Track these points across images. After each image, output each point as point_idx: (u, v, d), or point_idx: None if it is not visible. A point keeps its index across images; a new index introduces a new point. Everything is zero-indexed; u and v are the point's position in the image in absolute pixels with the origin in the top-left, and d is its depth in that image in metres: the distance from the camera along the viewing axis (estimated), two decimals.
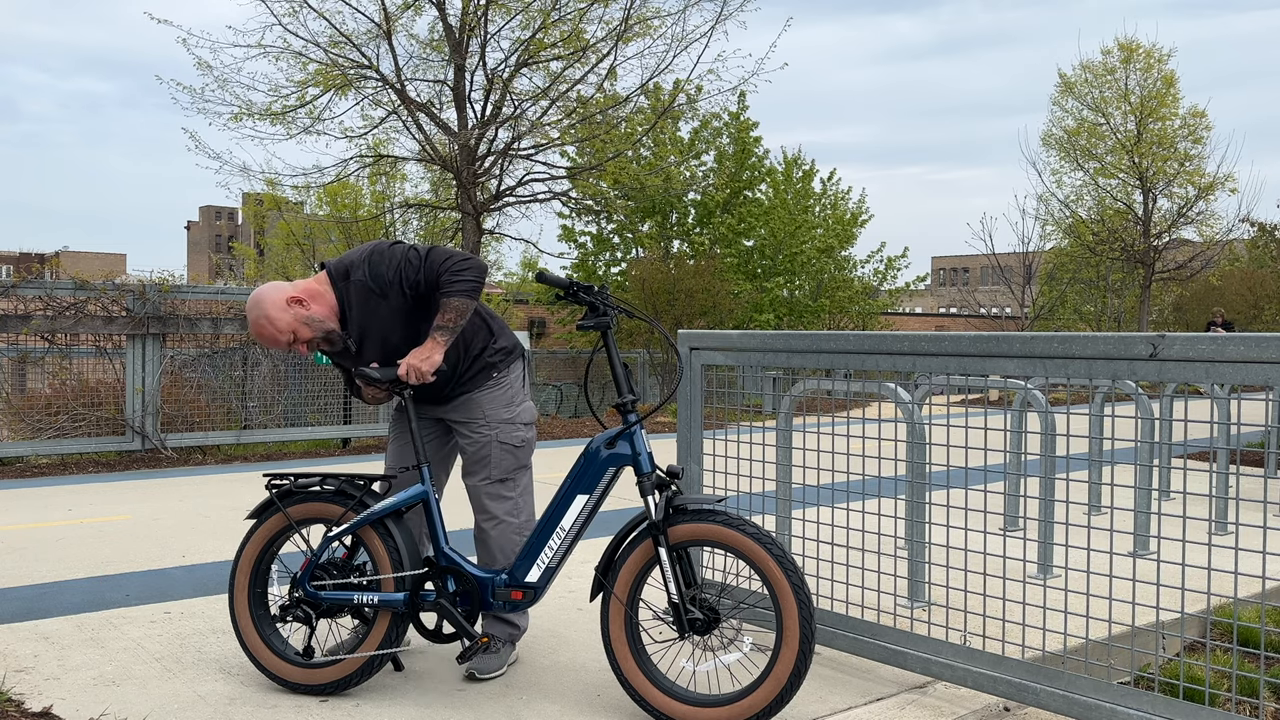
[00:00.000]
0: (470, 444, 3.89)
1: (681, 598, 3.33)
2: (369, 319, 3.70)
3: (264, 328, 3.64)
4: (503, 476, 3.88)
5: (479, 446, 3.88)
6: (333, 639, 4.08)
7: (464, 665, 3.84)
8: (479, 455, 3.88)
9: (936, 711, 3.57)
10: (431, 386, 3.81)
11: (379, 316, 3.69)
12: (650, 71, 16.01)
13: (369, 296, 3.67)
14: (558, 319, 31.39)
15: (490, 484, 3.87)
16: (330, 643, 4.05)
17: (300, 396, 11.89)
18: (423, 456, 3.71)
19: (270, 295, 3.65)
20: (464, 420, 3.89)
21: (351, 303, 3.70)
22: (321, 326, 3.67)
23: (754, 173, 28.70)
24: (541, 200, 17.51)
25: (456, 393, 3.88)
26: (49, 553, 6.01)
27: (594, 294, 3.54)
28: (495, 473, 3.87)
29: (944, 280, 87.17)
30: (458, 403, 3.90)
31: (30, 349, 10.68)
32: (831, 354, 4.00)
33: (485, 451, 3.87)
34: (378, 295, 3.66)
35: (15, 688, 3.72)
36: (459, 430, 3.92)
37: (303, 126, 15.64)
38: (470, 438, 3.89)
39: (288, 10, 14.96)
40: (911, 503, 4.38)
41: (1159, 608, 3.28)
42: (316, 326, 3.66)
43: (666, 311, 19.42)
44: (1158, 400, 6.80)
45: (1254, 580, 4.12)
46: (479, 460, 3.89)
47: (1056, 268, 32.01)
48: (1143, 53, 28.46)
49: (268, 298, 3.65)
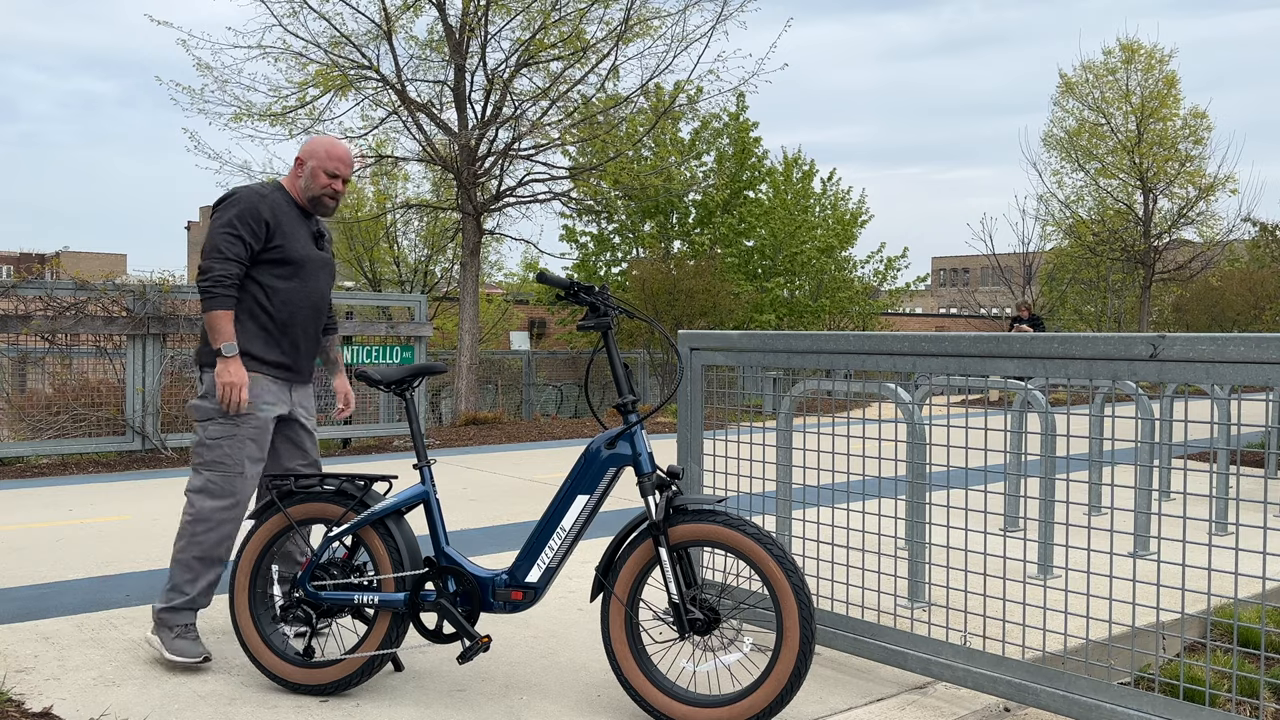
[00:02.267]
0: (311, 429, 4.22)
1: (682, 598, 3.34)
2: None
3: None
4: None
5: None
6: (333, 639, 4.08)
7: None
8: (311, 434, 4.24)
9: (936, 712, 3.57)
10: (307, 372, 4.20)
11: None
12: (650, 72, 16.02)
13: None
14: (558, 319, 31.39)
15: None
16: (330, 643, 4.05)
17: None
18: (423, 457, 3.71)
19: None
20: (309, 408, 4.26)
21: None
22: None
23: (754, 173, 28.69)
24: (542, 200, 17.52)
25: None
26: (49, 553, 6.01)
27: (594, 294, 3.54)
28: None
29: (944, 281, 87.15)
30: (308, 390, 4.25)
31: (30, 349, 10.68)
32: (832, 354, 4.00)
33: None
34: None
35: (15, 688, 3.72)
36: (311, 423, 4.22)
37: (303, 127, 15.63)
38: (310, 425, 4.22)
39: (288, 11, 14.97)
40: (911, 503, 4.38)
41: (1159, 608, 3.28)
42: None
43: (667, 312, 19.43)
44: (1158, 401, 6.80)
45: (1254, 581, 4.12)
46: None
47: (1057, 268, 32.01)
48: (1144, 53, 28.45)
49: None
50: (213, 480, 3.91)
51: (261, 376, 3.98)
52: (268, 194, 4.04)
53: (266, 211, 3.97)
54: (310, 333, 4.16)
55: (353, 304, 17.96)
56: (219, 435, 3.91)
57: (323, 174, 4.09)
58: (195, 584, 3.92)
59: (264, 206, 3.97)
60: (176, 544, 3.94)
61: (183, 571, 3.92)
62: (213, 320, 3.87)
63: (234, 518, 3.94)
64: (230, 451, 3.90)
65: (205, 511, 3.89)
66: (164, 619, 3.93)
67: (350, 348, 11.57)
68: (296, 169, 4.14)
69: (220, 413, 3.91)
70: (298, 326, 4.08)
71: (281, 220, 4.02)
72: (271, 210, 3.99)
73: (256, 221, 3.94)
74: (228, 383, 3.84)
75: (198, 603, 3.96)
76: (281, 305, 4.02)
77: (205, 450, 3.93)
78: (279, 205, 4.04)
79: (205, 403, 3.94)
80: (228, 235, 3.90)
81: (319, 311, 4.20)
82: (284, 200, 4.09)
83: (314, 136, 4.31)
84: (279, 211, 4.02)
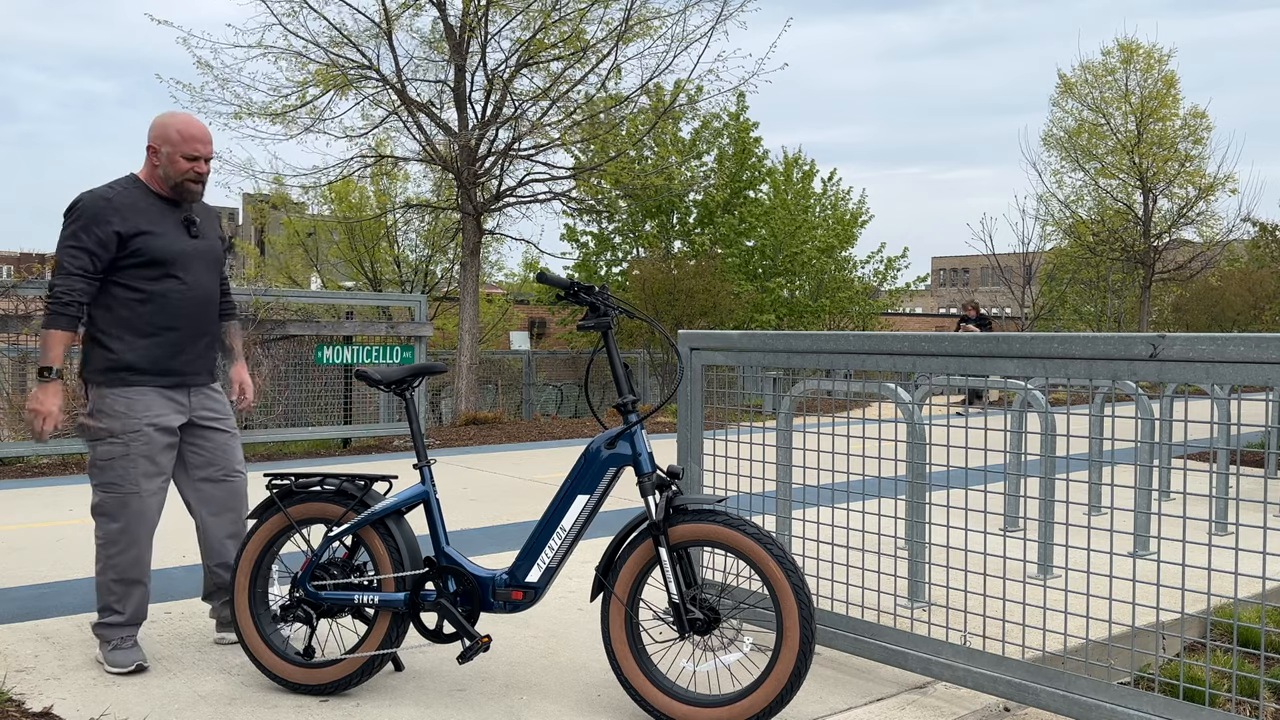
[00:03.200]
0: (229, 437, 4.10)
1: (682, 598, 3.34)
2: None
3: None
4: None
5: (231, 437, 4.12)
6: (333, 639, 4.08)
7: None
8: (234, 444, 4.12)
9: (936, 712, 3.57)
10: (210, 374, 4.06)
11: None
12: (650, 72, 16.02)
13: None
14: (558, 319, 31.38)
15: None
16: (331, 643, 4.05)
17: (300, 396, 11.89)
18: (423, 457, 3.71)
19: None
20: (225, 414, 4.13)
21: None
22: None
23: (754, 173, 28.69)
24: (542, 200, 17.52)
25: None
26: (49, 553, 6.01)
27: (594, 294, 3.54)
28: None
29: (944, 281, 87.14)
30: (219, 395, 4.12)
31: (30, 349, 10.67)
32: (832, 354, 4.00)
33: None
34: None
35: (16, 688, 3.72)
36: (222, 425, 4.07)
37: (303, 126, 15.64)
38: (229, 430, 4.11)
39: (288, 10, 14.97)
40: (911, 503, 4.38)
41: (1159, 608, 3.28)
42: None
43: (667, 312, 19.42)
44: (1158, 400, 6.80)
45: (1254, 580, 4.12)
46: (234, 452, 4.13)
47: (1056, 268, 32.01)
48: (1143, 53, 28.46)
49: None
50: (109, 500, 3.78)
51: (147, 389, 3.80)
52: (114, 195, 3.79)
53: (114, 216, 3.74)
54: (198, 330, 3.95)
55: (353, 304, 17.98)
56: (110, 455, 3.75)
57: (180, 159, 3.82)
58: (125, 603, 3.86)
59: (109, 212, 3.74)
60: (96, 565, 3.86)
61: (108, 593, 3.86)
62: (45, 339, 3.70)
63: (139, 537, 3.81)
64: (123, 471, 3.75)
65: (111, 534, 3.80)
66: (101, 634, 3.90)
67: (350, 347, 11.58)
68: (151, 158, 3.86)
69: (109, 431, 3.74)
70: (181, 327, 3.87)
71: (137, 219, 3.78)
72: (120, 213, 3.75)
73: (103, 230, 3.72)
74: (34, 409, 3.68)
75: (133, 619, 3.91)
76: (158, 309, 3.82)
77: (98, 471, 3.78)
78: (131, 204, 3.80)
79: (92, 421, 3.78)
80: (70, 249, 3.70)
81: (204, 305, 3.95)
82: (140, 195, 3.84)
83: (161, 116, 3.88)
84: (132, 211, 3.78)
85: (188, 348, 3.92)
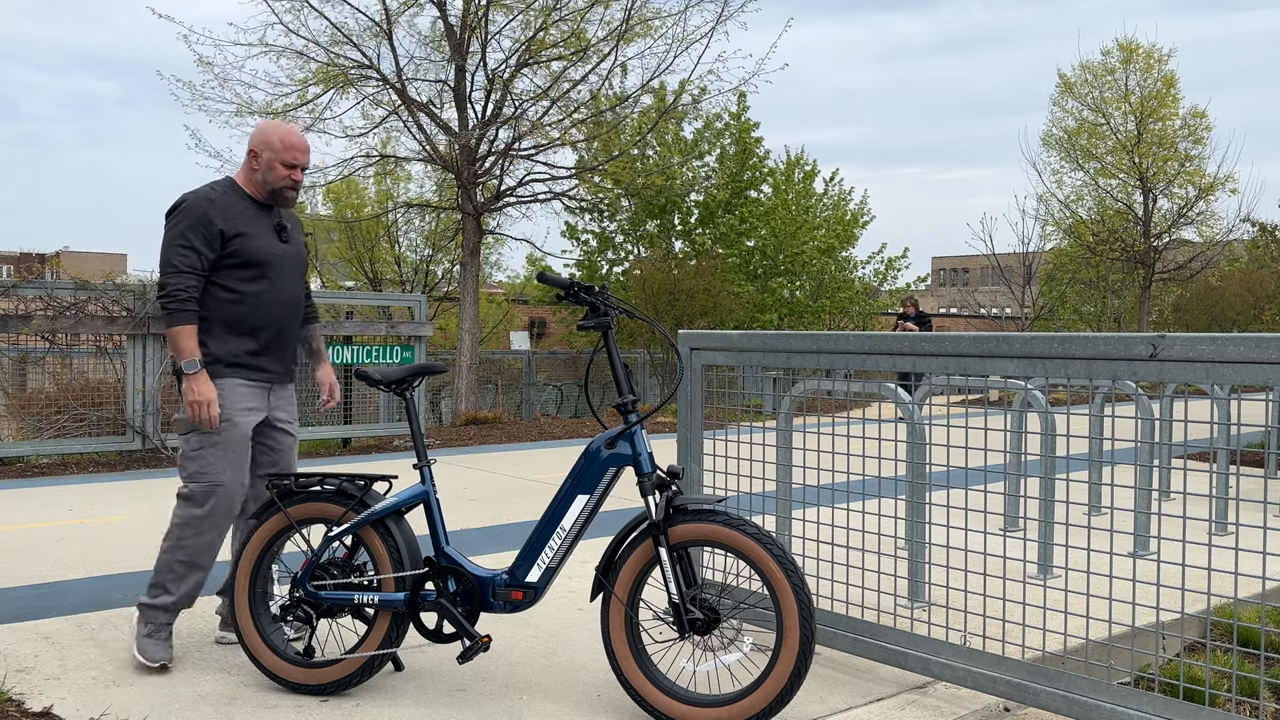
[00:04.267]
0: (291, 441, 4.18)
1: (682, 598, 3.34)
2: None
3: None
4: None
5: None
6: (333, 639, 4.08)
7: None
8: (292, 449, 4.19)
9: (936, 712, 3.57)
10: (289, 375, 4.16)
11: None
12: (651, 72, 16.02)
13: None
14: (558, 319, 31.39)
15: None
16: (331, 643, 4.05)
17: (300, 396, 11.89)
18: (423, 457, 3.71)
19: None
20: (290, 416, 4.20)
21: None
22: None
23: (755, 173, 28.70)
24: (542, 200, 17.52)
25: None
26: (49, 553, 6.01)
27: (595, 294, 3.54)
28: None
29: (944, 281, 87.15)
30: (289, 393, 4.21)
31: (31, 349, 10.68)
32: (832, 354, 4.00)
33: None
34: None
35: (15, 688, 3.72)
36: (290, 428, 4.16)
37: (304, 125, 15.63)
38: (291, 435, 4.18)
39: (289, 8, 14.98)
40: (911, 503, 4.38)
41: (1159, 608, 3.28)
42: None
43: (667, 312, 19.42)
44: (1158, 401, 6.80)
45: (1254, 581, 4.12)
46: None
47: (1056, 268, 32.00)
48: (1142, 53, 28.45)
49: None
50: (196, 490, 3.88)
51: (238, 382, 3.92)
52: (217, 196, 3.92)
53: (217, 217, 3.86)
54: (285, 332, 4.08)
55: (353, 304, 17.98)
56: (199, 446, 3.88)
57: (280, 165, 3.96)
58: (179, 585, 3.91)
59: (214, 212, 3.86)
60: (164, 543, 3.93)
61: (167, 571, 3.91)
62: (174, 337, 3.82)
63: (217, 526, 3.90)
64: (212, 461, 3.86)
65: (191, 518, 3.88)
66: (144, 613, 3.93)
67: (350, 347, 11.58)
68: (251, 161, 3.98)
69: (201, 423, 3.88)
70: (271, 327, 4.00)
71: (236, 221, 3.90)
72: (223, 214, 3.88)
73: (209, 229, 3.84)
74: (194, 401, 3.79)
75: (180, 604, 3.95)
76: (251, 310, 3.94)
77: (189, 462, 3.90)
78: (231, 206, 3.92)
79: (186, 414, 3.90)
80: (179, 248, 3.82)
81: (292, 308, 4.10)
82: (238, 198, 3.97)
83: (264, 123, 4.11)
84: (232, 213, 3.91)
85: (275, 349, 4.04)
